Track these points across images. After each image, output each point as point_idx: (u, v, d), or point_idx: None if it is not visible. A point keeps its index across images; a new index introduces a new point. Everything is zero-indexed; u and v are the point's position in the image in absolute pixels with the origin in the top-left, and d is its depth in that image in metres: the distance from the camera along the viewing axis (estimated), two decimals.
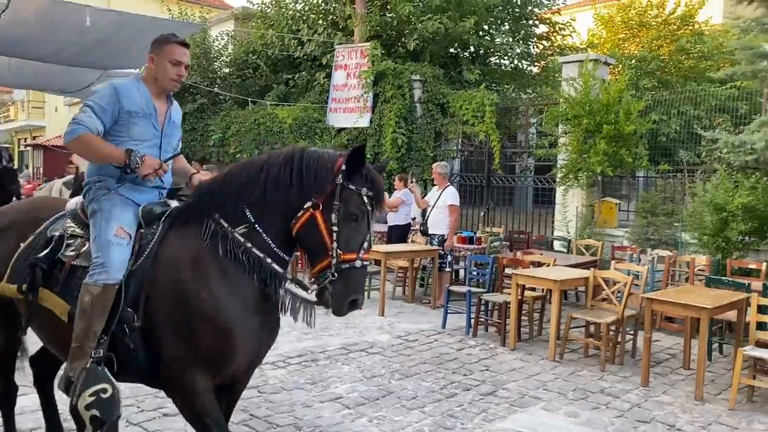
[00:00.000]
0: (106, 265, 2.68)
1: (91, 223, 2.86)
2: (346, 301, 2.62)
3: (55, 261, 2.91)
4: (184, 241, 2.76)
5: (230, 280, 2.67)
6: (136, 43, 11.77)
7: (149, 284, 2.70)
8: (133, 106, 2.90)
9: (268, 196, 2.73)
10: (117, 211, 2.84)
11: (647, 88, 13.64)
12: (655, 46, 16.61)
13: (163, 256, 2.74)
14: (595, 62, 10.12)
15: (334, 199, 2.64)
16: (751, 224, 7.54)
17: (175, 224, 2.82)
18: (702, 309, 5.07)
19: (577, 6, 21.27)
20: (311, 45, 13.84)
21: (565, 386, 5.18)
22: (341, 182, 2.65)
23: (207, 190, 2.89)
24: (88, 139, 2.76)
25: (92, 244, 2.79)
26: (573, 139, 9.83)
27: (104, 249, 2.72)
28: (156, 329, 2.66)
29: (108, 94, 2.89)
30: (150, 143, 2.97)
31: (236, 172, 2.85)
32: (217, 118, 14.47)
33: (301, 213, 2.68)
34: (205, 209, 2.79)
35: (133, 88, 2.95)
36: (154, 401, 4.30)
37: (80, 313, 2.67)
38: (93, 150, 2.82)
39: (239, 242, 2.69)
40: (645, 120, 9.87)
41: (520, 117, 12.75)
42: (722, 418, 4.64)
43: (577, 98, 9.63)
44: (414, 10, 12.54)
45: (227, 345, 2.63)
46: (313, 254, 2.70)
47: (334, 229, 2.62)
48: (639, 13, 17.46)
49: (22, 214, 3.28)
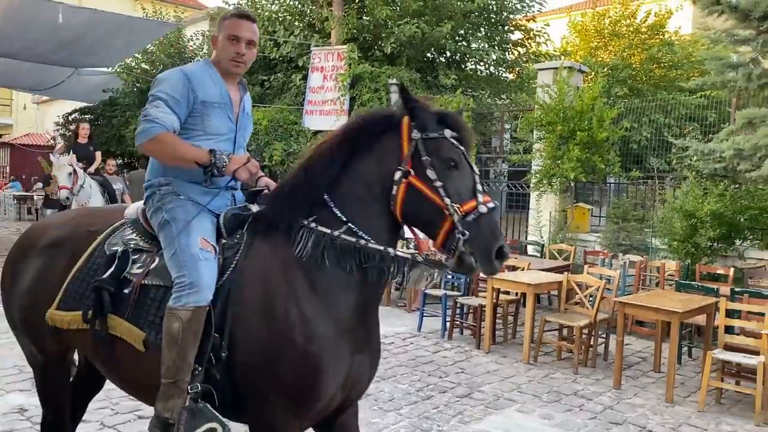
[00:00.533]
0: (195, 285, 2.28)
1: (163, 235, 2.46)
2: (492, 253, 2.18)
3: (121, 281, 2.51)
4: (271, 251, 2.38)
5: (324, 295, 2.30)
6: (110, 41, 11.66)
7: (235, 303, 2.33)
8: (208, 95, 2.50)
9: (352, 183, 2.35)
10: (195, 220, 2.44)
11: (619, 96, 13.88)
12: (626, 54, 16.92)
13: (250, 270, 2.36)
14: (569, 70, 10.26)
15: (420, 156, 2.27)
16: (719, 230, 7.72)
17: (259, 232, 2.43)
18: (672, 313, 5.18)
19: (551, 13, 21.55)
20: (287, 47, 13.78)
21: (540, 388, 5.25)
22: (419, 136, 2.30)
23: (286, 190, 2.47)
24: (165, 140, 2.38)
25: (170, 260, 2.39)
26: (547, 146, 9.95)
27: (190, 265, 2.31)
28: (240, 353, 2.29)
29: (179, 82, 2.47)
30: (225, 137, 2.58)
31: (308, 164, 2.44)
32: None
33: (395, 190, 2.29)
34: (288, 211, 2.39)
35: (205, 75, 2.55)
36: (129, 404, 4.24)
37: (169, 344, 2.27)
38: (172, 152, 2.41)
39: (346, 243, 2.29)
40: (617, 127, 10.05)
41: (495, 123, 12.87)
42: (692, 419, 4.74)
43: (551, 105, 9.75)
44: (391, 14, 12.58)
45: (316, 375, 2.24)
46: (429, 225, 2.30)
47: (438, 185, 2.23)
48: (613, 22, 17.77)
49: (69, 228, 2.84)
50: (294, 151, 12.57)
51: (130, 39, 12.01)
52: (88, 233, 2.73)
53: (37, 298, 2.70)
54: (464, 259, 2.20)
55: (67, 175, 8.57)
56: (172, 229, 2.42)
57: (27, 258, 2.82)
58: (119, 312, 2.46)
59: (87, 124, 10.42)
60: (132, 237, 2.61)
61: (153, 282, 2.46)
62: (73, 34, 10.77)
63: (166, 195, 2.50)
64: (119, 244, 2.60)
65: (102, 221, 2.79)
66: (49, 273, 2.70)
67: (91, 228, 2.75)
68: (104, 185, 9.51)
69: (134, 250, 2.57)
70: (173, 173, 2.51)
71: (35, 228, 3.02)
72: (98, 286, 2.49)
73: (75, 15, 10.01)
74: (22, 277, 2.80)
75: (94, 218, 2.89)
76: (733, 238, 8.05)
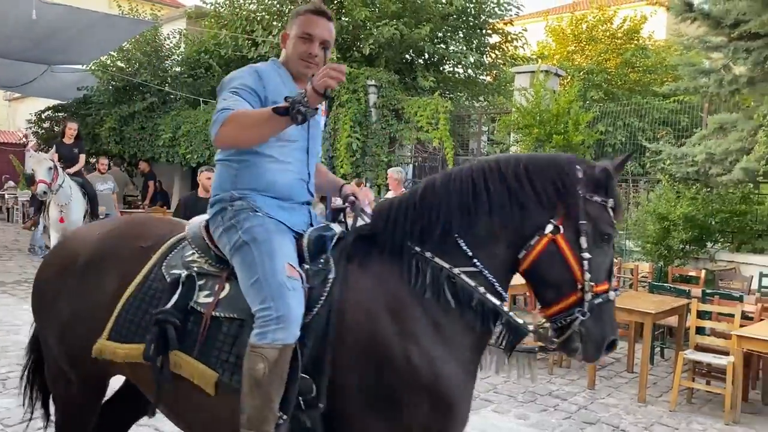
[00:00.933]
0: (283, 319, 1.96)
1: (238, 259, 2.13)
2: (603, 345, 2.05)
3: (186, 312, 2.17)
4: (376, 282, 2.09)
5: (445, 334, 2.05)
6: (85, 38, 11.51)
7: (334, 344, 2.01)
8: (278, 95, 2.13)
9: (489, 219, 2.10)
10: (277, 240, 2.12)
11: (595, 99, 14.07)
12: (602, 59, 17.15)
13: (351, 305, 2.05)
14: (546, 73, 10.37)
15: (578, 218, 2.05)
16: (691, 233, 7.86)
17: (357, 258, 2.14)
18: (645, 314, 5.26)
19: (529, 16, 21.75)
20: (265, 46, 13.71)
21: (515, 389, 5.29)
22: (584, 194, 2.07)
23: (399, 212, 2.15)
24: (235, 116, 2.02)
25: (250, 288, 2.06)
26: (524, 148, 10.03)
27: (277, 296, 1.99)
28: (342, 402, 2.00)
29: (250, 76, 2.21)
30: (296, 145, 2.29)
31: (436, 187, 2.16)
32: (168, 118, 14.19)
33: (535, 240, 2.07)
34: (401, 238, 2.11)
35: (274, 74, 2.28)
36: None
37: (251, 388, 1.97)
38: (249, 121, 2.04)
39: (464, 284, 2.05)
40: (592, 131, 10.17)
41: (472, 125, 12.95)
42: (663, 419, 4.82)
43: (528, 108, 9.84)
44: (370, 16, 12.59)
45: (446, 422, 2.02)
46: (551, 289, 2.09)
47: (585, 257, 2.03)
48: (590, 26, 18.00)
49: (115, 241, 2.46)
50: None
51: (105, 36, 11.86)
52: (139, 250, 2.38)
53: (81, 325, 2.36)
54: (572, 340, 2.05)
55: (47, 169, 8.23)
56: (252, 252, 2.09)
57: (65, 277, 2.45)
58: (186, 348, 2.13)
59: (75, 124, 9.93)
60: (194, 259, 2.28)
61: (225, 314, 2.14)
62: (47, 31, 10.61)
63: (240, 211, 2.18)
64: (180, 267, 2.27)
65: (153, 235, 2.45)
66: (95, 296, 2.35)
67: (143, 243, 2.41)
68: (85, 187, 9.20)
69: (198, 273, 2.24)
70: (248, 185, 2.22)
71: (72, 241, 2.64)
72: (161, 318, 2.13)
73: (49, 11, 9.86)
74: (61, 300, 2.44)
75: (143, 230, 2.52)
76: (705, 240, 8.21)
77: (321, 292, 2.07)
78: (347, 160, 11.75)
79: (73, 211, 8.39)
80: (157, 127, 14.26)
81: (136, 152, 14.41)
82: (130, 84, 14.70)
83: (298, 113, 1.91)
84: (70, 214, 8.32)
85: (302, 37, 2.27)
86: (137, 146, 14.55)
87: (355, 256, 2.14)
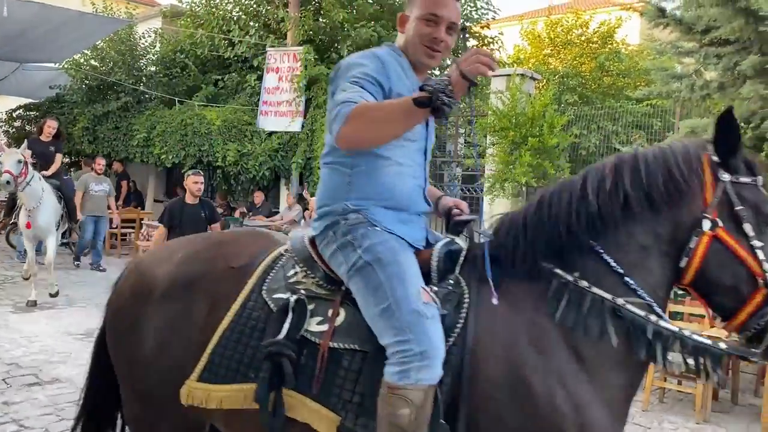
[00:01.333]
0: (427, 355, 1.68)
1: (359, 281, 1.83)
2: None
3: (299, 342, 1.87)
4: (513, 309, 1.80)
5: (595, 371, 1.75)
6: (58, 36, 11.34)
7: (471, 380, 1.73)
8: (402, 87, 1.89)
9: (635, 229, 1.80)
10: (405, 261, 1.84)
11: (569, 103, 14.22)
12: (577, 63, 17.35)
13: (486, 333, 1.78)
14: (522, 77, 10.47)
15: (733, 205, 1.78)
16: None
17: (486, 279, 1.83)
18: None
19: (505, 20, 21.93)
20: (242, 46, 13.64)
21: None
22: (728, 179, 1.81)
23: (529, 227, 1.86)
24: (361, 110, 1.70)
25: (379, 317, 1.76)
26: (500, 151, 10.12)
27: (416, 327, 1.70)
28: None
29: (372, 63, 1.89)
30: (416, 146, 2.01)
31: (564, 198, 1.87)
32: (142, 117, 14.03)
33: (695, 242, 1.77)
34: (538, 256, 1.83)
35: (395, 62, 1.95)
36: (75, 409, 4.13)
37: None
38: (380, 115, 1.72)
39: (634, 317, 1.74)
40: (567, 134, 10.29)
41: (450, 127, 13.02)
42: (636, 418, 4.90)
43: (504, 111, 9.93)
44: (348, 17, 12.59)
45: None
46: (727, 296, 1.79)
47: (756, 245, 1.75)
48: (565, 30, 18.21)
49: (202, 262, 2.14)
50: (248, 152, 12.45)
51: (79, 35, 11.69)
52: (231, 271, 2.07)
53: (166, 364, 2.04)
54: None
55: (16, 162, 7.47)
56: (377, 275, 1.80)
57: (143, 306, 2.12)
58: (301, 387, 1.84)
59: (55, 122, 9.36)
60: (299, 279, 1.98)
61: (344, 345, 1.84)
62: (19, 28, 10.43)
63: (357, 226, 1.88)
64: (283, 290, 1.97)
65: (245, 254, 2.13)
66: (181, 328, 2.03)
67: (234, 263, 2.09)
68: (61, 189, 8.60)
69: (308, 297, 1.94)
70: (363, 194, 1.91)
71: (148, 263, 2.27)
72: (275, 351, 1.82)
73: (21, 8, 9.69)
74: (137, 334, 2.11)
75: (233, 249, 2.18)
76: None
77: (456, 320, 1.79)
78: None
79: (42, 215, 7.62)
80: (131, 127, 14.09)
81: (110, 152, 14.20)
82: (104, 83, 14.50)
83: (444, 105, 1.60)
84: (38, 218, 7.55)
85: (427, 20, 1.93)
86: (111, 146, 14.35)
87: (487, 278, 1.83)
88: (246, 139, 12.68)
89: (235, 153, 12.32)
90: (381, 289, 1.78)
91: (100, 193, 10.50)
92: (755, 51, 7.40)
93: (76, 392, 4.54)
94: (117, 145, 14.31)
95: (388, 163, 1.93)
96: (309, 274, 1.98)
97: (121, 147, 14.22)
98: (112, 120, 14.38)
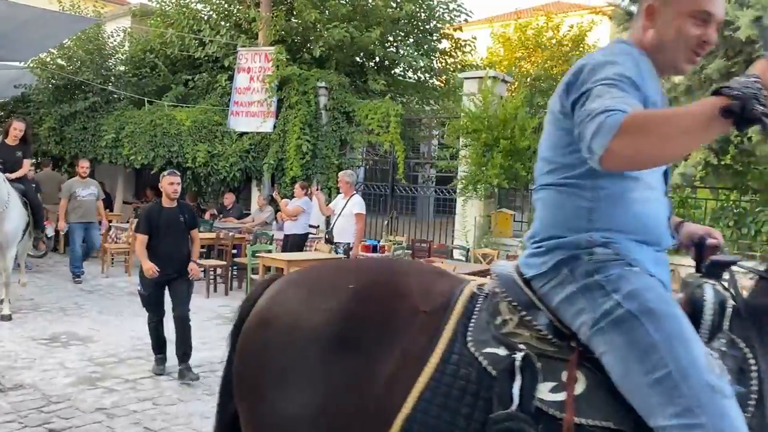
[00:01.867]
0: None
1: (619, 338, 1.45)
2: None
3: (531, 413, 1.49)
4: None
5: None
6: (23, 34, 11.08)
7: None
8: (655, 92, 1.57)
9: None
10: (683, 315, 1.48)
11: (541, 105, 14.36)
12: (548, 66, 17.56)
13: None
14: (494, 79, 10.54)
15: None
16: None
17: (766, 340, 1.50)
18: None
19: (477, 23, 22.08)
20: (213, 46, 13.51)
21: None
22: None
23: None
24: (637, 122, 1.33)
25: (650, 386, 1.39)
26: (472, 152, 10.18)
27: (708, 405, 1.35)
28: None
29: (627, 61, 1.55)
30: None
31: None
32: (111, 118, 13.80)
33: None
34: None
35: (643, 64, 1.60)
36: (39, 416, 4.03)
37: None
38: (669, 134, 1.32)
39: None
40: (538, 136, 10.38)
41: (423, 129, 13.06)
42: None
43: (476, 113, 9.99)
44: (320, 17, 12.55)
45: None
46: None
47: None
48: (536, 33, 18.41)
49: (381, 303, 1.71)
50: (218, 152, 12.33)
51: (45, 33, 11.44)
52: (420, 315, 1.66)
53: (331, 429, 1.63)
54: None
55: None
56: (649, 331, 1.42)
57: (298, 354, 1.68)
58: None
59: (22, 124, 8.50)
60: (514, 330, 1.60)
61: (592, 421, 1.46)
62: None
63: (608, 264, 1.52)
64: (493, 342, 1.59)
65: (433, 292, 1.72)
66: (358, 385, 1.61)
67: (422, 305, 1.67)
68: (27, 195, 8.02)
69: (536, 354, 1.56)
70: (610, 224, 1.55)
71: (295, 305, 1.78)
72: (514, 427, 1.45)
73: None
74: (289, 390, 1.68)
75: (413, 284, 1.75)
76: None
77: (749, 393, 1.44)
78: (297, 162, 11.68)
79: (9, 221, 7.20)
80: (99, 128, 13.85)
81: (78, 153, 13.93)
82: (71, 82, 14.22)
83: (763, 116, 1.25)
84: (4, 224, 7.13)
85: (697, 17, 1.58)
86: (78, 147, 14.08)
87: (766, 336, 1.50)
88: (217, 139, 12.56)
89: (206, 154, 12.19)
90: (655, 351, 1.40)
91: (89, 198, 9.87)
92: (721, 55, 7.57)
93: (39, 399, 4.44)
94: (85, 146, 14.04)
95: (639, 186, 1.58)
96: (528, 323, 1.61)
97: (89, 148, 13.97)
98: (79, 120, 14.12)
